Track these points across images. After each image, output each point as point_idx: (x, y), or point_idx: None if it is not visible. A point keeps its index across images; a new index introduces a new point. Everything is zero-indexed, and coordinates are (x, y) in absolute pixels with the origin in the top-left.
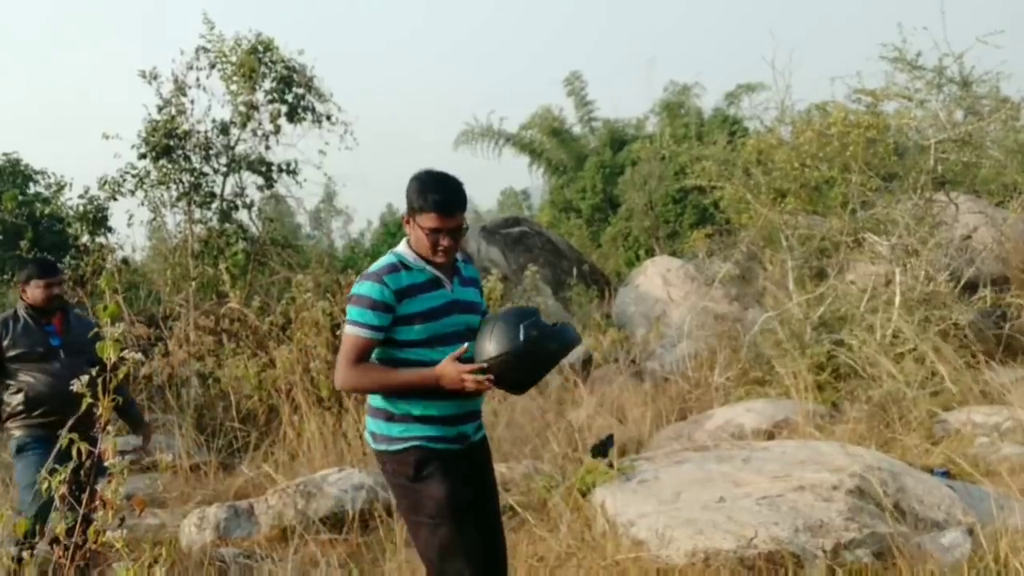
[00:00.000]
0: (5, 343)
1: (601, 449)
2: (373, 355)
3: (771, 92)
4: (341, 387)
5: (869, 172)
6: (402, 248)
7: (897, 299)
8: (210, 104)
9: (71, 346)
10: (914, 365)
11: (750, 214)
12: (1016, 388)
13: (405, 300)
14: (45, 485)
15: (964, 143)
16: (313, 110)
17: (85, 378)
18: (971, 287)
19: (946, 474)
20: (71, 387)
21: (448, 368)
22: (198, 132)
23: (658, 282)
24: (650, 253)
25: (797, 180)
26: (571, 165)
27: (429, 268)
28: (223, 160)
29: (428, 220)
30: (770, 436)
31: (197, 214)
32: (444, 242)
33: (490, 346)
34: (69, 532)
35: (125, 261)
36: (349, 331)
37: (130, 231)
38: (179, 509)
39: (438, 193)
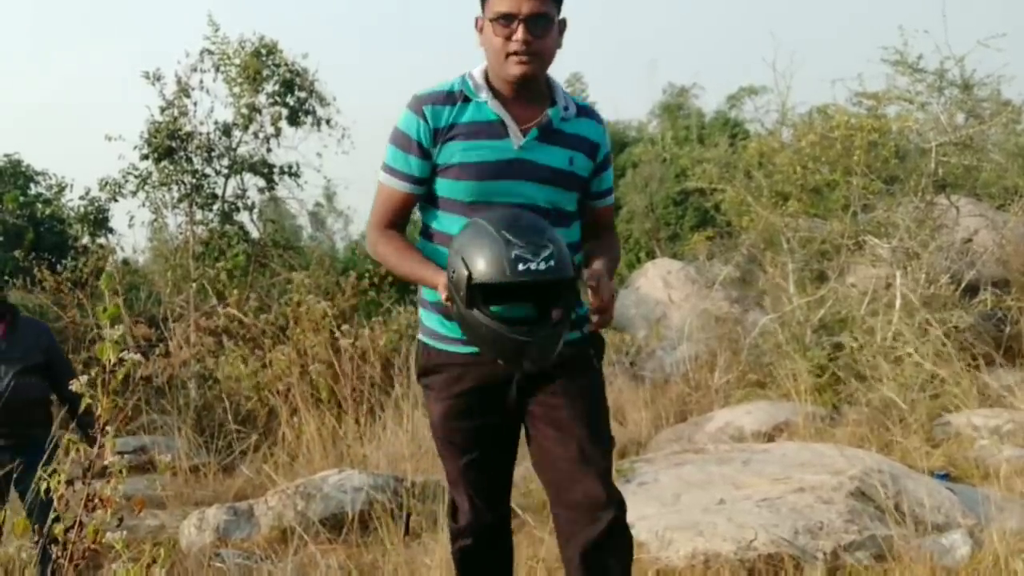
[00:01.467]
0: None
1: None
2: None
3: (772, 95)
4: (369, 251)
5: (870, 175)
6: (476, 70)
7: (898, 302)
8: (212, 106)
9: (12, 355)
10: (914, 368)
11: (751, 217)
12: (1016, 391)
13: (445, 143)
14: (44, 486)
15: (965, 146)
16: (314, 113)
17: (85, 378)
18: (971, 290)
19: (946, 477)
20: (16, 395)
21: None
22: (200, 134)
23: (659, 284)
24: (651, 255)
25: (798, 183)
26: None
27: (494, 105)
28: (225, 162)
29: (497, 3)
30: (770, 438)
31: (198, 215)
32: (519, 35)
33: (473, 260)
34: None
35: (125, 262)
36: (379, 179)
37: (131, 232)
38: (179, 510)
39: None
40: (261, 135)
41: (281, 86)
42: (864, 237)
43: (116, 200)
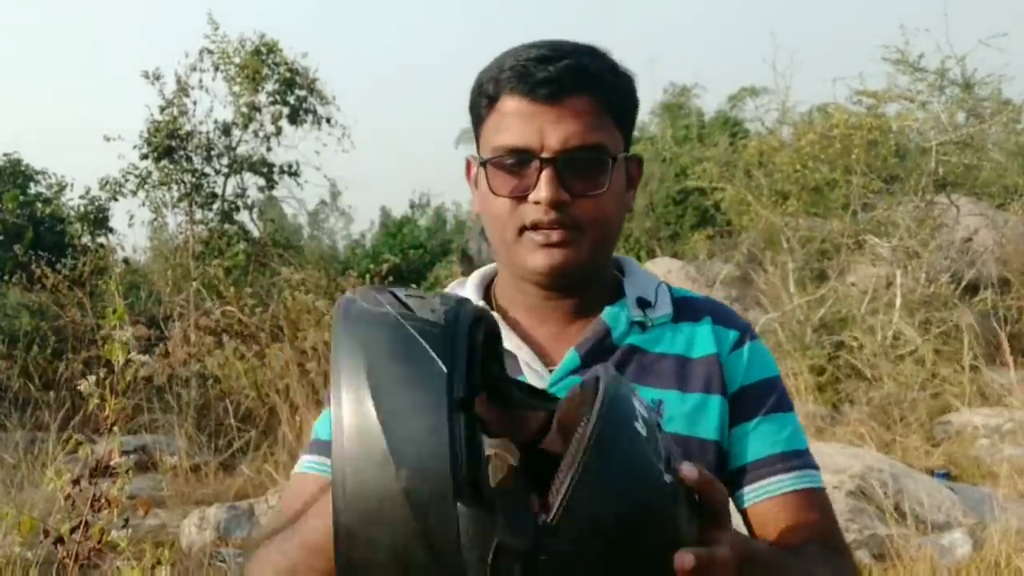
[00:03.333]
0: None
1: None
2: None
3: (774, 95)
4: None
5: (870, 174)
6: (475, 274)
7: (898, 301)
8: (212, 105)
9: None
10: (915, 367)
11: (751, 216)
12: (1016, 391)
13: None
14: (50, 486)
15: (965, 145)
16: (314, 112)
17: (92, 379)
18: (972, 289)
19: (947, 476)
20: None
21: None
22: (200, 133)
23: None
24: (651, 255)
25: (798, 182)
26: None
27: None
28: (224, 161)
29: (499, 127)
30: None
31: (198, 215)
32: (544, 190)
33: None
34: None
35: (126, 261)
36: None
37: (131, 231)
38: (179, 509)
39: (531, 52)
40: (261, 134)
41: (281, 85)
42: (864, 236)
43: (116, 199)
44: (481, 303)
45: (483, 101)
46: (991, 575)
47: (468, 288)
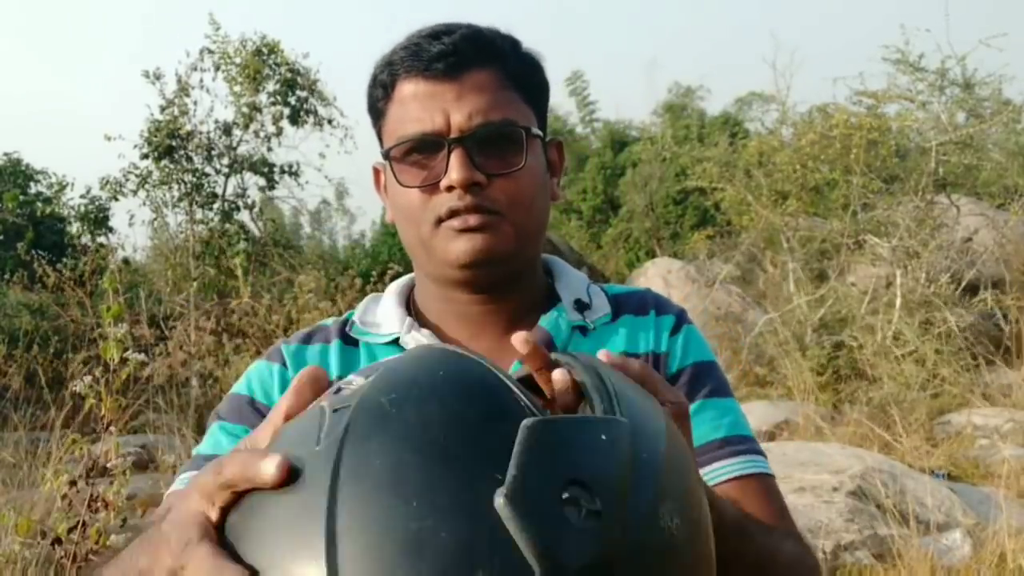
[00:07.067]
0: None
1: None
2: None
3: (778, 101)
4: None
5: (870, 174)
6: (391, 287)
7: (898, 301)
8: (213, 105)
9: None
10: (915, 367)
11: (751, 216)
12: (1016, 390)
13: None
14: (47, 485)
15: (965, 145)
16: (315, 113)
17: (88, 378)
18: (972, 289)
19: (947, 476)
20: None
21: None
22: (200, 133)
23: (659, 283)
24: (651, 254)
25: (798, 182)
26: (572, 166)
27: (418, 340)
28: (225, 161)
29: (400, 117)
30: (771, 437)
31: (199, 214)
32: (455, 173)
33: None
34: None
35: (126, 261)
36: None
37: (131, 231)
38: None
39: (423, 31)
40: (262, 134)
41: (282, 85)
42: (864, 236)
43: (116, 199)
44: (407, 319)
45: (379, 93)
46: (991, 575)
47: (387, 303)
